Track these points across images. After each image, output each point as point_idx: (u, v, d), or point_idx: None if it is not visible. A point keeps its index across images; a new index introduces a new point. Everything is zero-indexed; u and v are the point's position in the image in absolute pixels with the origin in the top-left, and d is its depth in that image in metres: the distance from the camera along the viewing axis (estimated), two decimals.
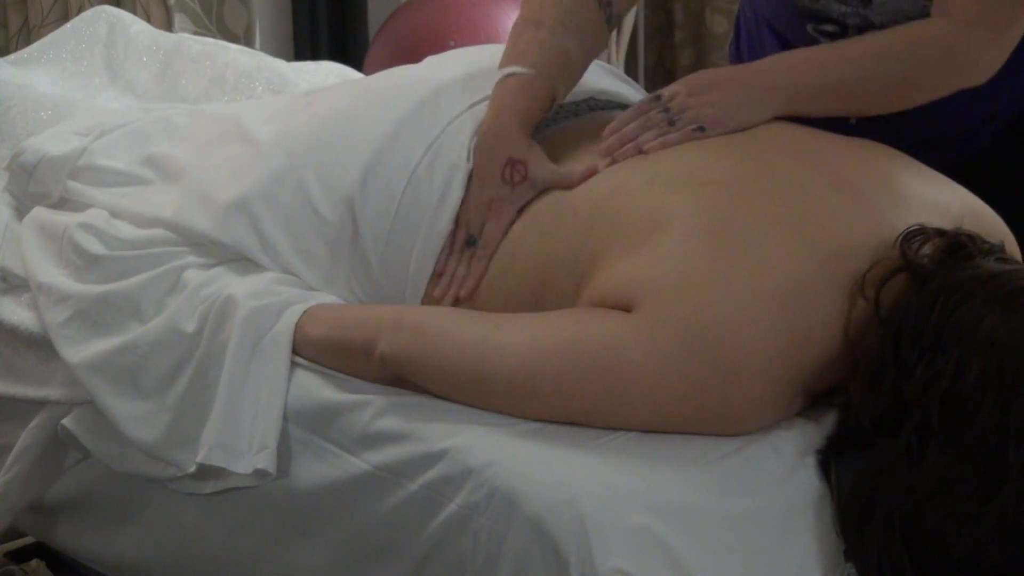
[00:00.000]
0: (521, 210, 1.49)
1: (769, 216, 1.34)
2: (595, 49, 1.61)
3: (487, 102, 1.55)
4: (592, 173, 1.46)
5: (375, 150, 1.55)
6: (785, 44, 1.75)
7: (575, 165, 1.49)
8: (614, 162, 1.45)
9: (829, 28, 1.68)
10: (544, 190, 1.49)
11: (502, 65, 1.55)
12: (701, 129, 1.44)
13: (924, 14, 1.57)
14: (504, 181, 1.49)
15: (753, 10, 1.83)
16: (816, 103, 1.50)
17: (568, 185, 1.47)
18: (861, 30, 1.64)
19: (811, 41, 1.71)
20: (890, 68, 1.50)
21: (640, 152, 1.44)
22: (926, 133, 1.60)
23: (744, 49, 1.87)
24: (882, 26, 1.63)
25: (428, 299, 1.50)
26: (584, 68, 1.60)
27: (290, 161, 1.58)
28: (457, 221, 1.50)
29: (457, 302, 1.47)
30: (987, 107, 1.71)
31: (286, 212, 1.56)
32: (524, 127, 1.51)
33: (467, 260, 1.49)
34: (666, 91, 1.49)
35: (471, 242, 1.48)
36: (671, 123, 1.44)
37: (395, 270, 1.52)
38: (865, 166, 1.43)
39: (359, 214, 1.53)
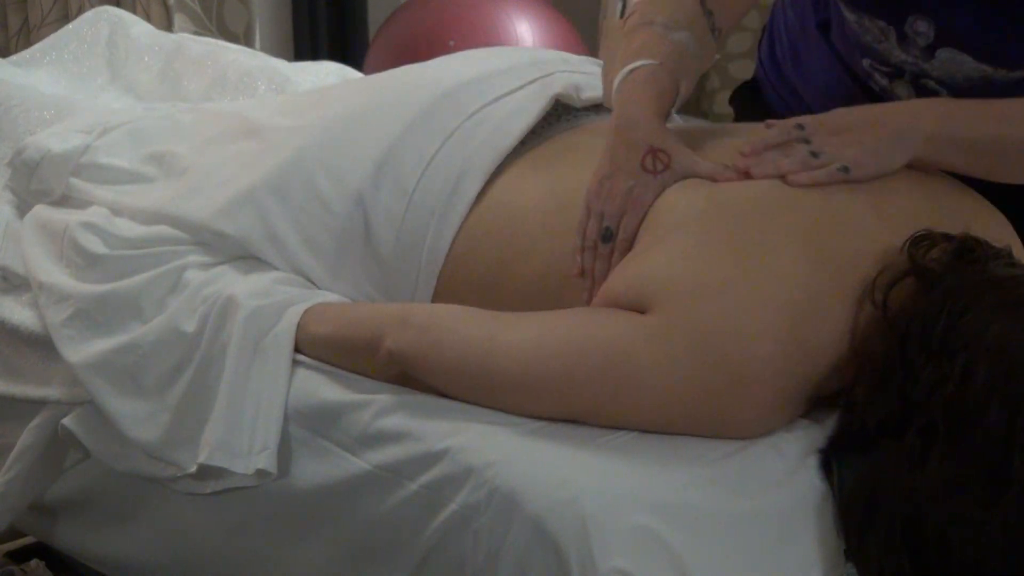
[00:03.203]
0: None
1: (787, 226, 1.34)
2: (706, 51, 1.58)
3: (506, 99, 1.57)
4: (743, 176, 1.40)
5: (388, 145, 1.56)
6: (839, 59, 1.72)
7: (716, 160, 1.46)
8: (750, 178, 1.39)
9: (884, 69, 1.64)
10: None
11: (622, 64, 1.51)
12: (846, 170, 1.38)
13: (983, 75, 1.54)
14: (645, 170, 1.43)
15: (801, 18, 1.80)
16: (953, 156, 1.44)
17: (713, 177, 1.42)
18: (916, 76, 1.60)
19: (865, 73, 1.67)
20: None
21: (784, 181, 1.38)
22: None
23: (787, 55, 1.83)
24: (939, 80, 1.59)
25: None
26: (700, 65, 1.57)
27: (300, 156, 1.59)
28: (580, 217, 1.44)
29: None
30: None
31: (294, 205, 1.57)
32: (659, 115, 1.47)
33: (605, 256, 1.42)
34: (807, 122, 1.43)
35: (607, 236, 1.42)
36: (814, 155, 1.39)
37: (408, 259, 1.53)
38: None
39: (370, 206, 1.54)
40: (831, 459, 1.29)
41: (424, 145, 1.55)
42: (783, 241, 1.32)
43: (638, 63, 1.50)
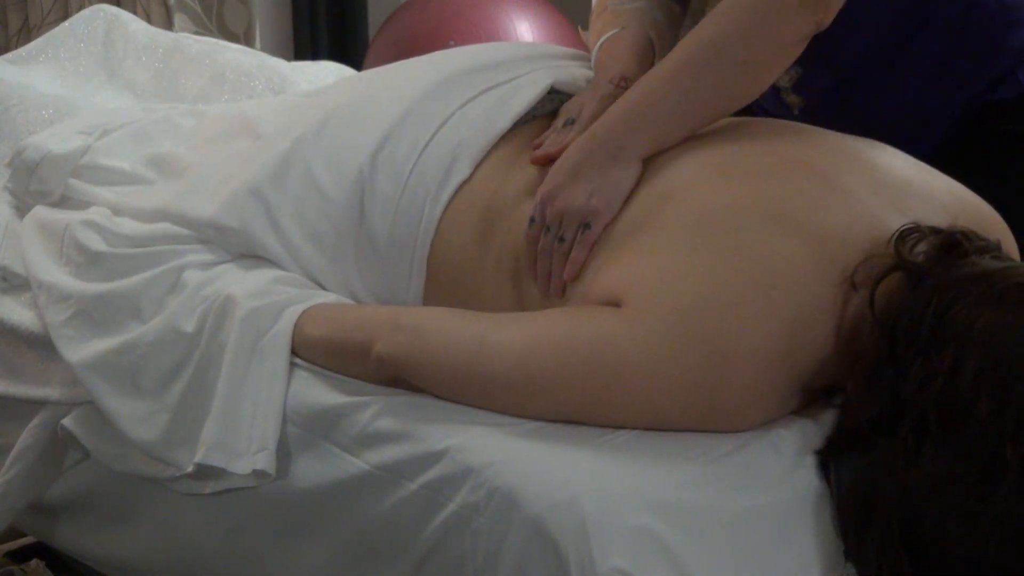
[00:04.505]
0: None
1: (748, 204, 1.34)
2: (669, 12, 1.70)
3: (502, 86, 1.60)
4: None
5: (384, 133, 1.57)
6: None
7: None
8: (555, 295, 1.45)
9: None
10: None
11: (591, 48, 1.64)
12: (587, 227, 1.42)
13: None
14: (611, 83, 1.55)
15: None
16: (675, 129, 1.46)
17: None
18: None
19: None
20: (721, 53, 1.45)
21: (566, 281, 1.43)
22: (871, 128, 1.57)
23: None
24: None
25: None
26: (666, 20, 1.69)
27: (296, 146, 1.60)
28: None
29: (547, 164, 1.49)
30: (935, 97, 1.70)
31: (294, 196, 1.57)
32: (636, 65, 1.59)
33: (565, 133, 1.53)
34: (535, 212, 1.46)
35: (569, 122, 1.54)
36: (562, 240, 1.43)
37: (403, 245, 1.53)
38: (841, 155, 1.42)
39: (367, 193, 1.54)
40: (828, 459, 1.29)
41: (419, 131, 1.56)
42: (745, 218, 1.33)
43: (602, 39, 1.62)
